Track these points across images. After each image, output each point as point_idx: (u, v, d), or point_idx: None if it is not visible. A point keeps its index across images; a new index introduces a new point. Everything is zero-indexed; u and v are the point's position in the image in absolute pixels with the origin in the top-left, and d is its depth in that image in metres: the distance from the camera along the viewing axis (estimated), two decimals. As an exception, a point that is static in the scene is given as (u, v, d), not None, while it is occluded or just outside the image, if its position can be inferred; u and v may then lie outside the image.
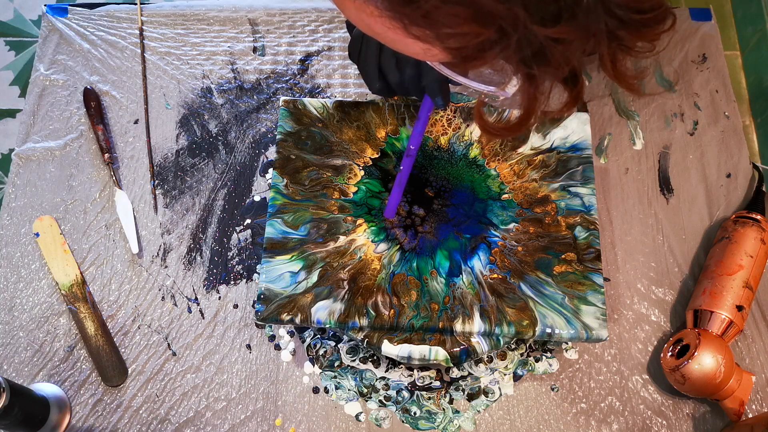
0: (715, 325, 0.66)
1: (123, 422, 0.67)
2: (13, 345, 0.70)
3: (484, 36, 0.30)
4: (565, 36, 0.30)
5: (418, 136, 0.61)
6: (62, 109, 0.82)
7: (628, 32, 0.31)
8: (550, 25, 0.30)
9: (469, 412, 0.68)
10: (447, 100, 0.57)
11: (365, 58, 0.60)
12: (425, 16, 0.30)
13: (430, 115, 0.60)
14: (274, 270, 0.64)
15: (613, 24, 0.31)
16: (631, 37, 0.32)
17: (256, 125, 0.82)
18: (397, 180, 0.64)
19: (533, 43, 0.31)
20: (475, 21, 0.29)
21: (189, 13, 0.89)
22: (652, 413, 0.68)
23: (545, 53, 0.31)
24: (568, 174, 0.69)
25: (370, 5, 0.31)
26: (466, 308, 0.62)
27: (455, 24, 0.30)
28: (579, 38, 0.31)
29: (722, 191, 0.78)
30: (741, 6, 0.93)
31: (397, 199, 0.65)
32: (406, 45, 0.33)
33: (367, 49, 0.59)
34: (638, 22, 0.31)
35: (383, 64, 0.59)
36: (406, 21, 0.31)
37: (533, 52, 0.31)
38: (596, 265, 0.64)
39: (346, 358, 0.68)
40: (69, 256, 0.74)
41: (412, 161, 0.63)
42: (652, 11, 0.31)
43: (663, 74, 0.85)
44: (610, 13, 0.30)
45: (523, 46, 0.31)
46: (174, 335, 0.71)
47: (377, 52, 0.59)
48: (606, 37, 0.31)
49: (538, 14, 0.29)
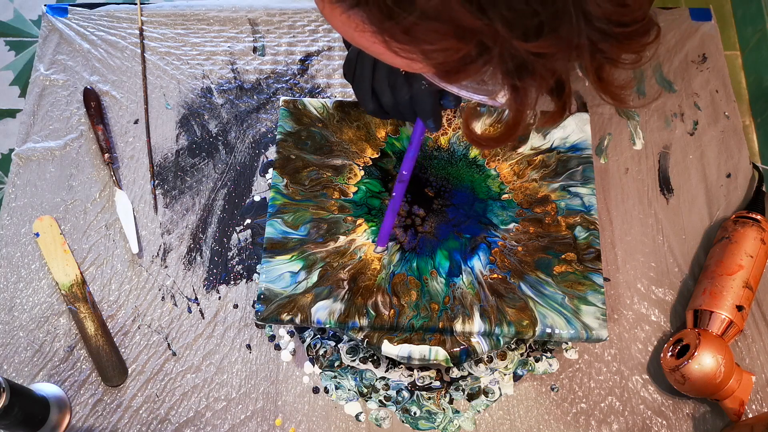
0: (715, 325, 0.66)
1: (123, 422, 0.67)
2: (13, 345, 0.70)
3: (464, 51, 0.30)
4: (546, 50, 0.30)
5: (410, 161, 0.60)
6: (62, 109, 0.82)
7: (611, 45, 0.31)
8: (532, 40, 0.29)
9: (469, 412, 0.68)
10: (439, 123, 0.57)
11: (359, 78, 0.59)
12: (406, 32, 0.30)
13: (423, 138, 0.59)
14: (274, 270, 0.64)
15: (596, 37, 0.30)
16: (615, 49, 0.32)
17: (256, 125, 0.82)
18: (390, 207, 0.63)
19: (516, 56, 0.30)
20: (455, 37, 0.30)
21: (189, 13, 0.89)
22: (652, 413, 0.68)
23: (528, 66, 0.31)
24: (568, 174, 0.69)
25: (356, 19, 0.32)
26: (466, 308, 0.62)
27: (435, 40, 0.30)
28: (561, 51, 0.30)
29: (722, 191, 0.78)
30: (741, 6, 0.93)
31: (390, 227, 0.64)
32: (392, 58, 0.34)
33: (362, 69, 0.59)
34: (621, 35, 0.31)
35: (376, 86, 0.58)
36: (387, 36, 0.31)
37: (517, 65, 0.31)
38: (596, 265, 0.64)
39: (346, 358, 0.68)
40: (69, 256, 0.74)
41: (404, 187, 0.62)
42: (635, 24, 0.31)
43: (663, 74, 0.85)
44: (592, 27, 0.30)
45: (506, 59, 0.31)
46: (174, 335, 0.71)
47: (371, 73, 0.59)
48: (589, 50, 0.31)
49: (519, 29, 0.29)
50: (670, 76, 0.85)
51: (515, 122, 0.36)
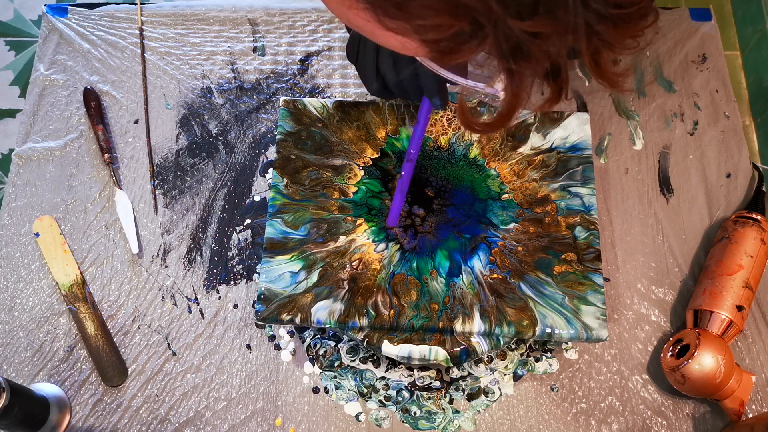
0: (715, 325, 0.66)
1: (123, 422, 0.67)
2: (13, 345, 0.70)
3: (457, 27, 0.30)
4: (541, 29, 0.29)
5: (418, 140, 0.59)
6: (62, 109, 0.82)
7: (607, 27, 0.30)
8: (527, 18, 0.29)
9: (469, 412, 0.68)
10: (445, 101, 0.56)
11: (363, 58, 0.59)
12: (398, 7, 0.30)
13: (429, 116, 0.59)
14: (274, 270, 0.64)
15: (592, 18, 0.30)
16: (611, 32, 0.31)
17: (256, 125, 0.82)
18: (399, 186, 0.63)
19: (511, 37, 0.30)
20: (448, 12, 0.29)
21: (189, 13, 0.89)
22: (652, 413, 0.68)
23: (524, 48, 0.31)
24: (568, 174, 0.69)
25: None
26: (466, 308, 0.62)
27: (428, 15, 0.30)
28: (556, 32, 0.30)
29: (722, 191, 0.78)
30: (741, 6, 0.93)
31: (400, 206, 0.64)
32: (386, 38, 0.33)
33: (365, 49, 0.59)
34: (618, 17, 0.30)
35: (381, 65, 0.58)
36: (380, 12, 0.31)
37: (512, 47, 0.31)
38: (596, 265, 0.64)
39: (346, 358, 0.68)
40: (69, 256, 0.74)
41: (413, 166, 0.62)
42: (632, 6, 0.30)
43: (663, 74, 0.85)
44: (588, 8, 0.29)
45: (501, 40, 0.30)
46: (174, 335, 0.71)
47: (375, 53, 0.59)
48: (585, 32, 0.30)
49: (513, 7, 0.29)
50: (670, 76, 0.85)
51: (511, 107, 0.36)
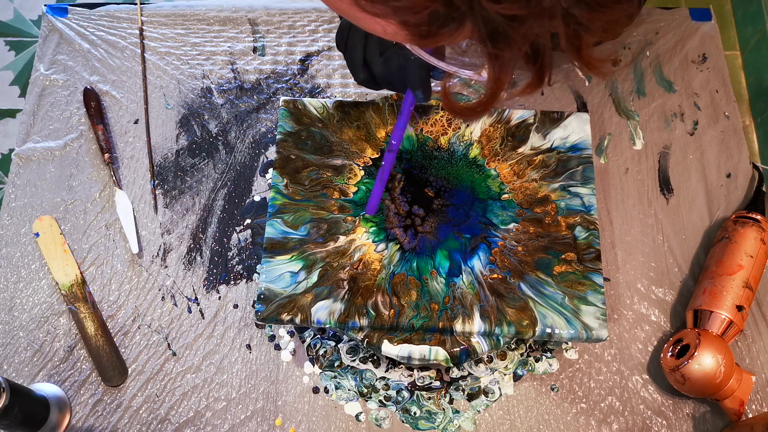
0: (715, 325, 0.66)
1: (123, 422, 0.67)
2: (13, 345, 0.70)
3: (431, 8, 0.30)
4: (517, 12, 0.29)
5: (400, 131, 0.61)
6: (62, 109, 0.82)
7: (584, 11, 0.30)
8: (502, 1, 0.29)
9: (469, 412, 0.68)
10: (428, 94, 0.57)
11: (351, 47, 0.59)
12: None
13: (412, 109, 0.60)
14: (274, 270, 0.64)
15: (568, 1, 0.30)
16: (587, 15, 0.31)
17: (256, 125, 0.82)
18: (379, 175, 0.64)
19: (489, 21, 0.30)
20: None
21: (189, 13, 0.89)
22: (652, 413, 0.68)
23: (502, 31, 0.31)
24: (568, 174, 0.69)
25: None
26: (466, 308, 0.62)
27: None
28: (532, 15, 0.30)
29: (722, 191, 0.78)
30: (741, 6, 0.93)
31: (379, 195, 0.65)
32: (368, 22, 0.33)
33: (354, 39, 0.59)
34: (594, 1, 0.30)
35: (368, 55, 0.58)
36: None
37: (490, 31, 0.31)
38: (596, 265, 0.64)
39: (346, 358, 0.68)
40: (69, 256, 0.74)
41: (393, 156, 0.63)
42: None
43: (663, 74, 0.85)
44: None
45: (480, 24, 0.30)
46: (174, 335, 0.71)
47: (363, 42, 0.59)
48: (562, 15, 0.30)
49: None
50: (670, 76, 0.85)
51: (493, 92, 0.36)
